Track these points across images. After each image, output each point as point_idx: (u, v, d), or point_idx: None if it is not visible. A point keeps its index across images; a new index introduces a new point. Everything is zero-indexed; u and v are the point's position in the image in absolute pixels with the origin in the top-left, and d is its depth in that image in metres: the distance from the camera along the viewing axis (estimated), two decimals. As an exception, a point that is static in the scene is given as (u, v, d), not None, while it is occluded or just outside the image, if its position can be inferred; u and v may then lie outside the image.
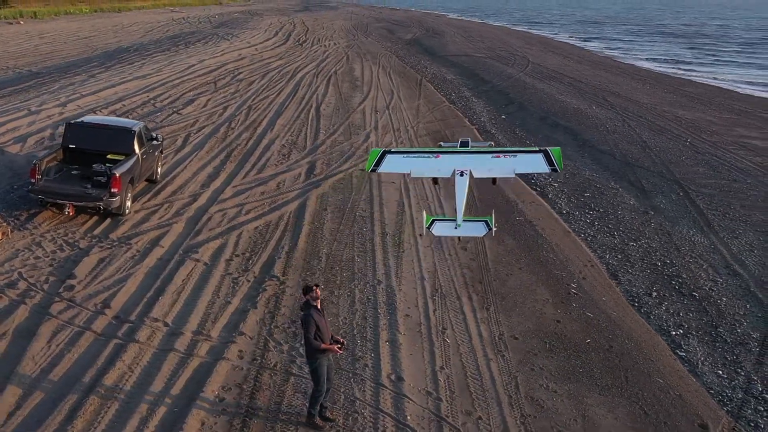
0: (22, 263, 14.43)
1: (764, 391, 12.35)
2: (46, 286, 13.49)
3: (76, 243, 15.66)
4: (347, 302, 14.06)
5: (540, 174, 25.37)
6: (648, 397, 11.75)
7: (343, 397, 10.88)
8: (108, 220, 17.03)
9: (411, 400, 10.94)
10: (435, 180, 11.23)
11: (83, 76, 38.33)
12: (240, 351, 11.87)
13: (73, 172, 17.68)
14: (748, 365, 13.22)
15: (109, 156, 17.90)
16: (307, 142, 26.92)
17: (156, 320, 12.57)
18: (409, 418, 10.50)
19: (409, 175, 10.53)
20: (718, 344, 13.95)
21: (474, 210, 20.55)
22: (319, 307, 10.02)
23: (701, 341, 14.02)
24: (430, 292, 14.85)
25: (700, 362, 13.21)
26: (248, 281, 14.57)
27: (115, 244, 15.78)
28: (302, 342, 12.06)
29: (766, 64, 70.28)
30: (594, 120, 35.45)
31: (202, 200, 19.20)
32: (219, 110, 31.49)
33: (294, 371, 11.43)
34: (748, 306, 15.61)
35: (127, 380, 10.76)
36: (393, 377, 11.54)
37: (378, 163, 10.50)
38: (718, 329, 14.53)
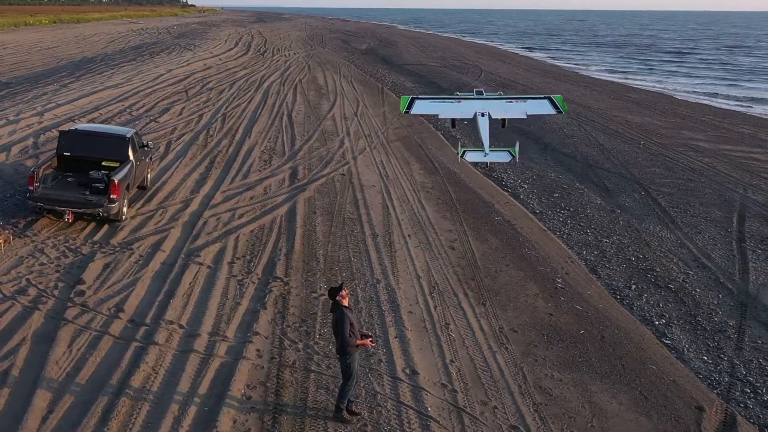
0: (28, 270, 14.03)
1: (748, 374, 12.70)
2: (56, 292, 13.14)
3: (79, 249, 15.29)
4: (351, 301, 13.96)
5: (510, 175, 25.80)
6: (645, 383, 11.98)
7: (364, 391, 10.83)
8: (106, 227, 16.67)
9: (428, 392, 10.96)
10: (453, 123, 12.71)
11: (55, 86, 37.53)
12: (258, 350, 11.73)
13: (69, 180, 17.26)
14: (729, 351, 13.57)
15: (103, 163, 17.53)
16: (285, 149, 26.74)
17: (171, 323, 12.35)
18: (430, 409, 10.52)
19: (437, 116, 11.70)
20: (698, 332, 14.30)
21: (453, 209, 20.76)
22: (347, 305, 9.98)
23: (683, 330, 14.35)
24: (428, 289, 14.88)
25: (685, 349, 13.52)
26: (253, 283, 14.41)
27: (117, 249, 15.45)
28: (324, 339, 12.13)
29: (694, 73, 72.50)
30: (552, 125, 35.99)
31: (194, 205, 18.94)
32: (195, 118, 31.10)
33: (313, 368, 11.34)
34: (720, 296, 16.03)
35: (153, 381, 10.54)
36: (408, 371, 11.54)
37: (410, 107, 11.52)
38: (697, 318, 14.89)
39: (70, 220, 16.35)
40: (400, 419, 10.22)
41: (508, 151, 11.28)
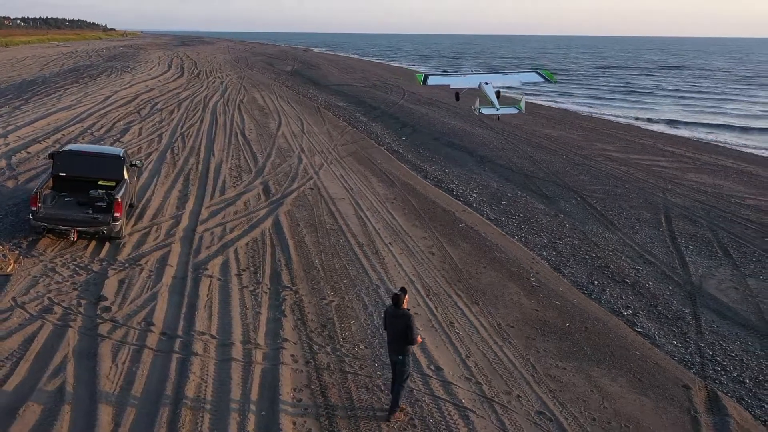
0: (46, 289, 13.31)
1: (715, 355, 13.42)
2: (81, 309, 12.53)
3: (89, 267, 14.61)
4: (360, 305, 13.96)
5: (459, 185, 26.19)
6: (635, 367, 12.49)
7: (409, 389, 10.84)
8: (107, 244, 16.00)
9: (457, 385, 11.08)
10: (457, 96, 14.66)
11: (8, 108, 35.53)
12: (292, 355, 11.55)
13: (67, 199, 16.47)
14: (693, 335, 14.29)
15: (99, 182, 16.83)
16: (250, 165, 26.31)
17: (202, 333, 12.00)
18: (464, 401, 10.64)
19: (449, 86, 13.43)
20: (662, 320, 14.98)
21: (420, 218, 20.97)
22: (406, 307, 9.97)
23: (649, 319, 15.00)
24: (424, 292, 15.01)
25: (656, 336, 14.14)
26: (265, 293, 14.16)
27: (126, 265, 14.85)
28: (348, 342, 12.06)
29: (597, 94, 75.45)
30: (481, 139, 36.83)
31: (184, 221, 18.40)
32: (155, 138, 30.17)
33: (347, 370, 11.26)
34: (670, 287, 16.84)
35: (205, 390, 10.22)
36: (432, 368, 11.62)
37: (425, 81, 13.54)
38: (657, 308, 15.60)
39: (75, 239, 15.61)
40: (440, 412, 10.30)
41: (515, 107, 13.29)
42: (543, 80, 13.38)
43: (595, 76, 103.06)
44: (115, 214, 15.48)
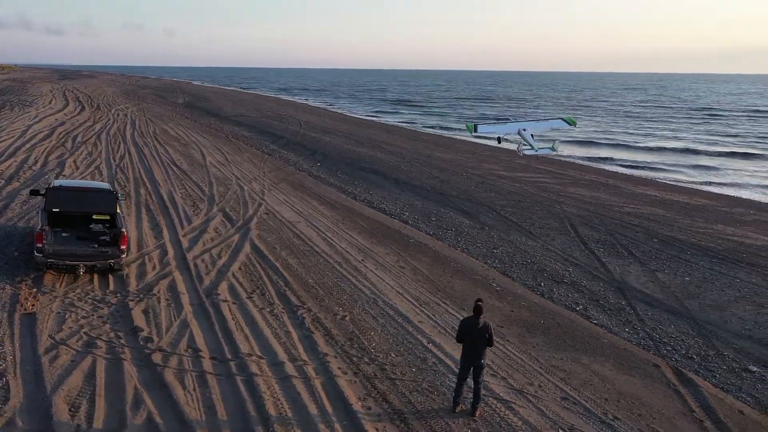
0: (77, 324, 12.20)
1: (661, 338, 14.68)
2: (123, 341, 11.63)
3: (106, 299, 13.52)
4: (370, 318, 13.96)
5: (389, 205, 26.57)
6: (611, 353, 13.44)
7: (438, 385, 11.04)
8: (110, 277, 14.87)
9: (488, 381, 11.40)
10: (499, 140, 15.30)
11: (-75, 144, 31.68)
12: (339, 368, 11.39)
13: (64, 235, 15.12)
14: (636, 323, 15.52)
15: (94, 216, 15.60)
16: (199, 194, 25.25)
17: (249, 355, 11.53)
18: (501, 394, 10.99)
19: (495, 133, 13.98)
20: (608, 312, 16.14)
21: (374, 236, 21.15)
22: None
23: (598, 311, 16.11)
24: (415, 302, 15.23)
25: (610, 326, 15.22)
26: (282, 312, 13.79)
27: (140, 296, 13.89)
28: (380, 352, 12.08)
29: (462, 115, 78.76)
30: (388, 163, 37.50)
31: (170, 250, 17.43)
32: (95, 171, 28.14)
33: (392, 377, 11.27)
34: (600, 284, 18.15)
35: (284, 408, 9.87)
36: (457, 369, 11.89)
37: (475, 129, 14.07)
38: (599, 302, 16.79)
39: (82, 273, 14.36)
40: (488, 404, 10.59)
41: (550, 147, 14.36)
42: (568, 126, 14.58)
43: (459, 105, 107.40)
44: (122, 247, 14.46)
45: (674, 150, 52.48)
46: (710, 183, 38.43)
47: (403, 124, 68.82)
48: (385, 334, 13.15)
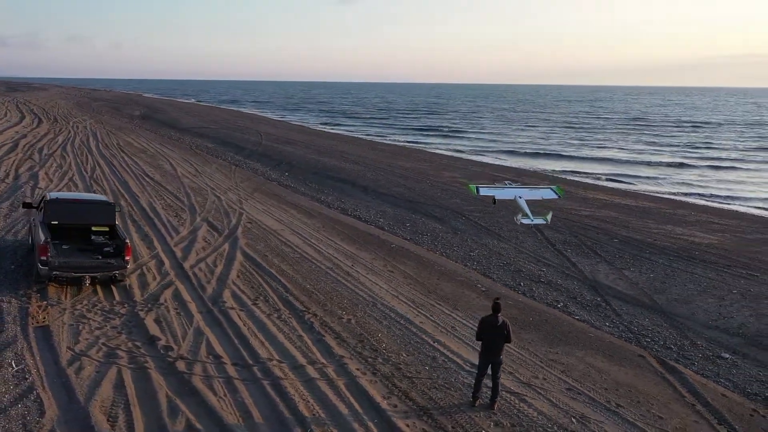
0: (92, 335, 11.78)
1: (640, 330, 15.27)
2: (143, 350, 11.31)
3: (115, 310, 13.11)
4: (374, 320, 14.01)
5: (362, 212, 26.65)
6: (600, 346, 13.90)
7: (453, 381, 11.20)
8: (113, 287, 14.40)
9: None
10: (494, 200, 15.34)
11: None
12: (357, 368, 11.40)
13: (64, 247, 14.55)
14: (614, 317, 16.08)
15: (93, 228, 15.08)
16: (179, 204, 24.69)
17: (270, 359, 11.40)
18: (512, 387, 11.20)
19: (493, 196, 14.85)
20: (587, 308, 16.66)
21: (357, 242, 21.18)
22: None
23: (577, 308, 16.61)
24: (413, 305, 15.34)
25: (592, 321, 15.73)
26: (290, 317, 13.67)
27: (148, 306, 13.52)
28: (391, 352, 12.17)
29: (412, 131, 79.33)
30: (354, 172, 37.54)
31: (166, 260, 17.01)
32: (70, 183, 27.10)
33: (409, 375, 11.36)
34: (574, 283, 18.70)
35: (315, 411, 9.80)
36: (468, 365, 12.07)
37: (478, 191, 13.78)
38: (577, 299, 17.31)
39: (87, 284, 13.86)
40: (502, 397, 10.76)
41: (543, 218, 14.23)
42: (557, 197, 15.25)
43: (404, 117, 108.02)
44: (126, 258, 14.04)
45: (612, 160, 54.17)
46: (651, 186, 40.12)
47: (360, 135, 68.93)
48: (392, 335, 13.22)
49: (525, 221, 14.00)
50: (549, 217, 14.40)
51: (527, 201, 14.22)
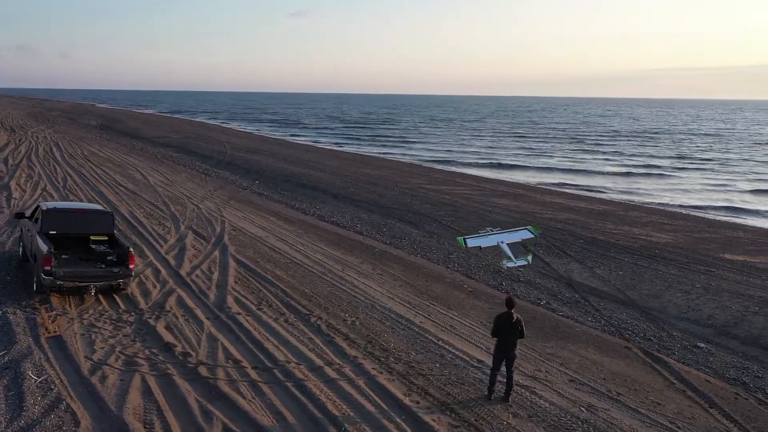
0: (107, 344, 11.37)
1: (620, 324, 15.78)
2: (161, 357, 10.99)
3: (123, 318, 12.67)
4: (376, 321, 14.01)
5: (338, 218, 26.56)
6: (590, 340, 14.31)
7: (474, 379, 11.34)
8: (116, 296, 13.92)
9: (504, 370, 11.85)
10: (479, 247, 15.08)
11: None
12: (373, 368, 11.39)
13: (64, 256, 13.96)
14: (594, 312, 16.54)
15: (92, 237, 14.54)
16: (161, 213, 24.04)
17: (288, 362, 11.25)
18: (521, 381, 11.41)
19: (479, 246, 14.58)
20: (568, 304, 17.10)
21: (342, 247, 21.13)
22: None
23: (559, 305, 17.01)
24: (410, 305, 15.39)
25: (575, 316, 16.16)
26: (296, 320, 13.53)
27: (156, 313, 13.13)
28: (401, 352, 12.20)
29: (356, 140, 79.28)
30: (323, 180, 37.37)
31: (161, 268, 16.55)
32: (45, 194, 26.00)
33: (423, 372, 11.44)
34: (551, 281, 19.18)
35: (343, 410, 9.74)
36: (474, 362, 12.22)
37: (466, 243, 14.29)
38: (557, 296, 17.77)
39: (94, 293, 13.35)
40: (513, 390, 10.99)
41: (524, 259, 14.37)
42: (533, 236, 15.63)
43: (354, 128, 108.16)
44: (131, 266, 13.60)
45: (559, 169, 55.56)
46: (602, 191, 41.48)
47: (321, 145, 68.63)
48: (397, 335, 13.27)
49: (510, 264, 14.44)
50: (530, 258, 14.99)
51: (509, 244, 14.48)
